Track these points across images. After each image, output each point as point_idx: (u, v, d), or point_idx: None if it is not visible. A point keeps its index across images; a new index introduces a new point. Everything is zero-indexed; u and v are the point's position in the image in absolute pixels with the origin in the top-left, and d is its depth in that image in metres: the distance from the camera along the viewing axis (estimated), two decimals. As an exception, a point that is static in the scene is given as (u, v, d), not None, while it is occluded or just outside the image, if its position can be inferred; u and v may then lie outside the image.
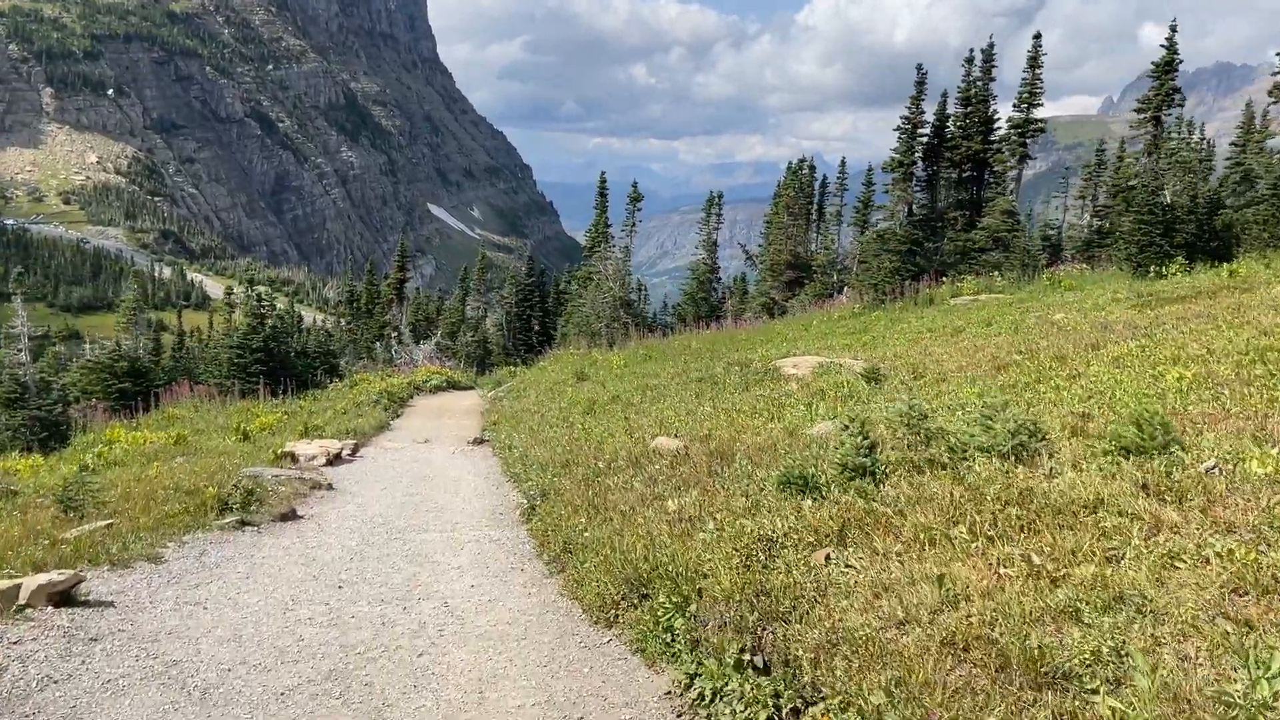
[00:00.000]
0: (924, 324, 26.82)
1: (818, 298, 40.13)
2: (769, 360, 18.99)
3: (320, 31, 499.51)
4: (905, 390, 11.61)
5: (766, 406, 12.71)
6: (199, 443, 22.30)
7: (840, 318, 33.32)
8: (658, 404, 17.08)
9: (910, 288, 32.60)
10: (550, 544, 7.61)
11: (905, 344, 22.94)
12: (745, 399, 14.38)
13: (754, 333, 34.14)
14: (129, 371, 31.57)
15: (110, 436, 25.68)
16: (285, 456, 16.28)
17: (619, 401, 18.67)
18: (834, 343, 25.94)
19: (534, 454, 12.86)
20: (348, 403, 27.77)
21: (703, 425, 11.66)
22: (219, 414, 29.73)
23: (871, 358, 18.02)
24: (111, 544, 8.29)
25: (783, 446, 8.12)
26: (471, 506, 11.35)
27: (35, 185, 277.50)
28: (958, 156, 37.34)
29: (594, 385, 24.85)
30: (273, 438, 21.92)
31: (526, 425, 18.06)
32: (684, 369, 24.13)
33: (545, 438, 14.81)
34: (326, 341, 42.16)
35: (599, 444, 11.99)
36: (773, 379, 17.21)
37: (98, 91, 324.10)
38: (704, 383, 18.55)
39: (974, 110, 37.88)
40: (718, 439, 9.43)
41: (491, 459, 16.86)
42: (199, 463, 17.61)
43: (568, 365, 33.85)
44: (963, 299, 31.46)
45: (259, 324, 30.72)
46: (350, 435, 20.49)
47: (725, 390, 16.93)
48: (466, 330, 54.83)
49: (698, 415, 13.36)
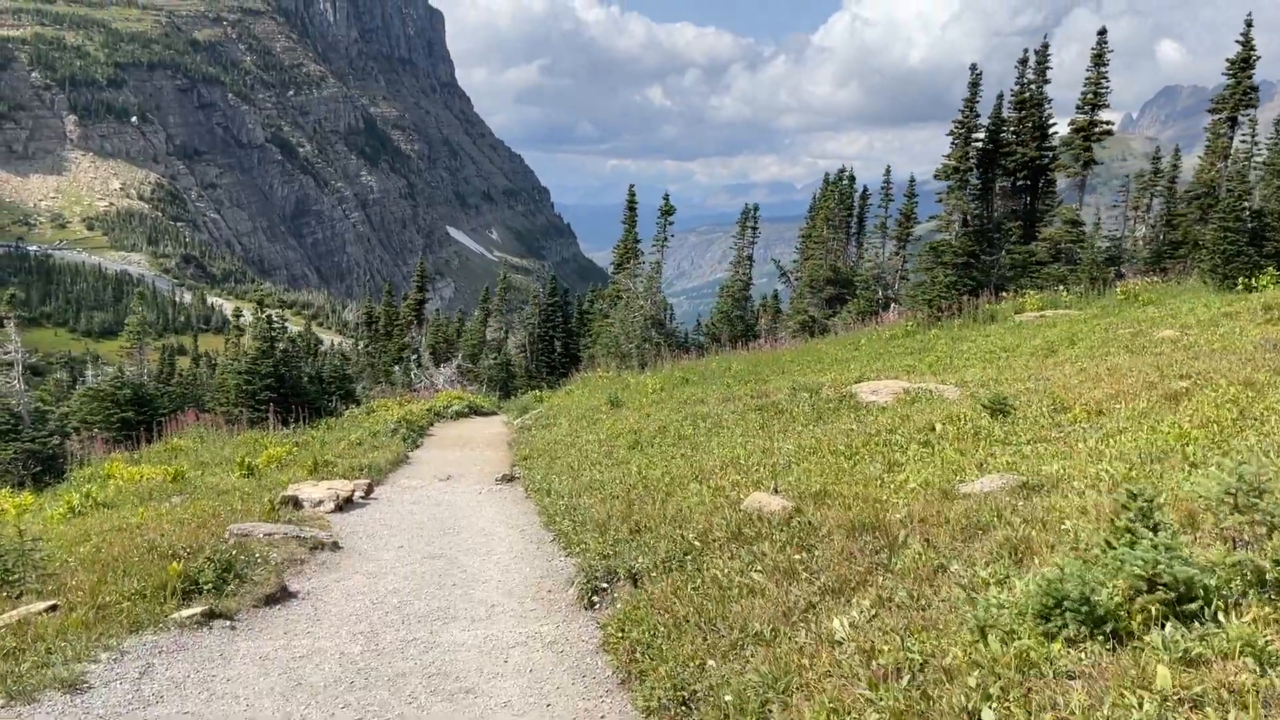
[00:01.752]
0: (994, 342, 24.34)
1: (862, 315, 37.70)
2: (840, 385, 16.60)
3: (340, 58, 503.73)
4: (1052, 427, 9.21)
5: (866, 445, 10.34)
6: (199, 479, 20.22)
7: (893, 336, 30.91)
8: (717, 438, 14.74)
9: (969, 303, 30.15)
10: (646, 679, 5.09)
11: (982, 365, 20.54)
12: (828, 434, 12.03)
13: (798, 353, 31.76)
14: (132, 400, 29.56)
15: (108, 471, 23.63)
16: (287, 503, 14.03)
17: (668, 434, 16.33)
18: (895, 364, 23.53)
19: (583, 506, 10.49)
20: (363, 432, 25.59)
21: (797, 472, 9.31)
22: (225, 445, 27.66)
23: (962, 381, 15.62)
24: (26, 655, 6.02)
25: (953, 515, 5.79)
26: (509, 578, 8.99)
27: (59, 212, 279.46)
28: (1011, 164, 34.93)
29: (632, 413, 22.54)
30: (279, 473, 19.83)
31: (564, 462, 15.73)
32: (731, 394, 21.79)
33: (591, 481, 12.47)
34: (343, 366, 40.12)
35: (665, 494, 9.64)
36: (850, 408, 14.85)
37: (121, 118, 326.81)
38: (765, 412, 16.19)
39: (1028, 115, 35.51)
40: (839, 498, 7.09)
41: (525, 502, 14.53)
42: (192, 508, 15.47)
43: (598, 389, 31.58)
44: (1028, 315, 29.00)
45: (269, 348, 28.65)
46: (363, 473, 18.26)
47: (796, 422, 14.56)
48: (488, 352, 52.70)
49: (779, 456, 11.00)
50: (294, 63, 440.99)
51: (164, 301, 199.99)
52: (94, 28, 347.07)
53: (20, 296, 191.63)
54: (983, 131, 33.00)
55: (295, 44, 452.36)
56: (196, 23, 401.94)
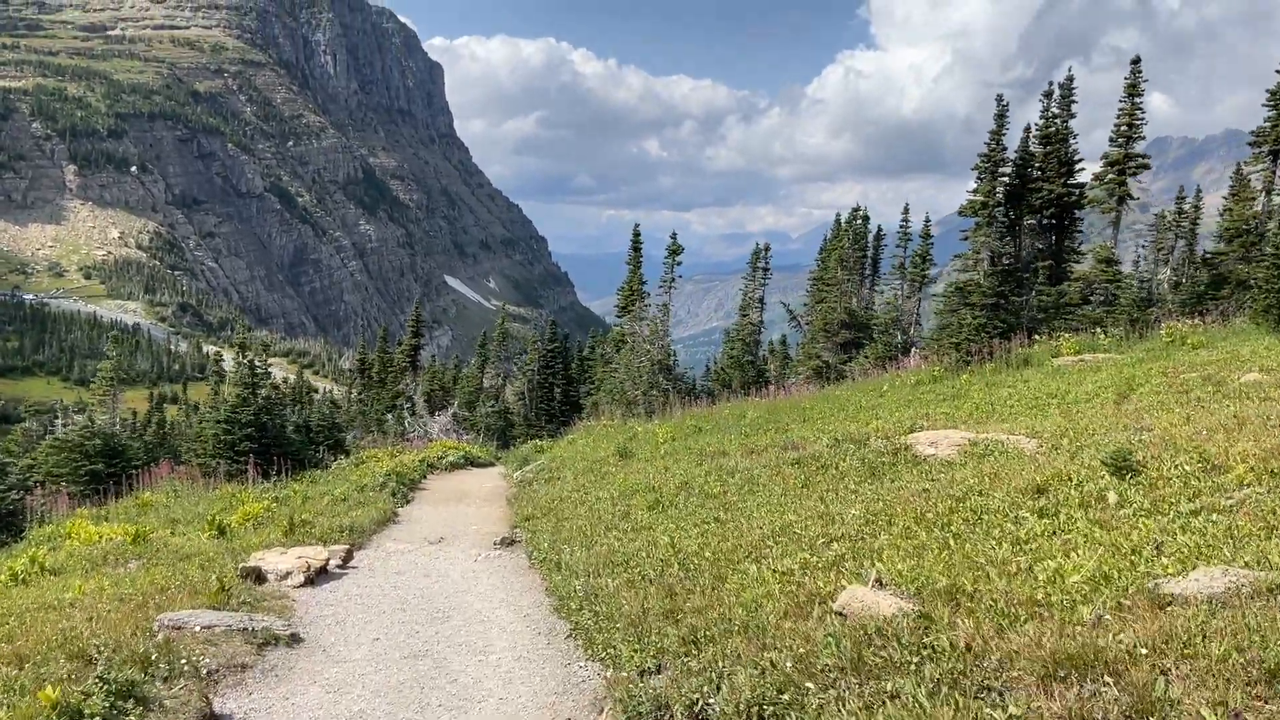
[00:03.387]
0: (1036, 389, 22.26)
1: (880, 360, 35.71)
2: (888, 435, 14.51)
3: (340, 109, 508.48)
4: (1216, 492, 7.14)
5: (955, 513, 8.26)
6: (164, 540, 18.07)
7: (918, 382, 28.87)
8: (753, 498, 12.63)
9: (1000, 346, 28.18)
10: None
11: (1031, 413, 18.51)
12: (896, 496, 9.97)
13: (817, 400, 29.69)
14: (102, 451, 27.41)
15: (69, 530, 21.47)
16: (248, 575, 11.86)
17: (693, 492, 14.22)
18: (928, 412, 21.43)
19: (605, 590, 8.34)
20: (349, 486, 23.43)
21: (888, 551, 7.21)
22: (200, 500, 25.51)
23: (1033, 432, 13.55)
24: None
25: (1207, 644, 3.75)
26: (514, 694, 6.82)
27: (56, 261, 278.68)
28: (1038, 201, 33.23)
29: (644, 465, 20.40)
30: (254, 533, 17.73)
31: (574, 525, 13.60)
32: (754, 444, 19.66)
33: (611, 552, 10.34)
34: (332, 414, 37.97)
35: (714, 577, 7.52)
36: (908, 463, 12.77)
37: (121, 168, 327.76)
38: (804, 466, 14.09)
39: (1053, 150, 33.92)
40: (980, 598, 5.01)
41: (529, 574, 12.36)
42: (144, 577, 13.39)
43: (604, 439, 29.42)
44: (1065, 359, 27.00)
45: (250, 395, 26.54)
46: (344, 535, 16.10)
47: (847, 479, 12.46)
48: (485, 400, 50.58)
49: (844, 525, 8.91)
50: (294, 113, 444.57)
51: (159, 350, 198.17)
52: (95, 79, 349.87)
53: (14, 346, 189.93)
54: (1009, 166, 31.32)
55: (295, 95, 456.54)
56: (198, 74, 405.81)
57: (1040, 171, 33.63)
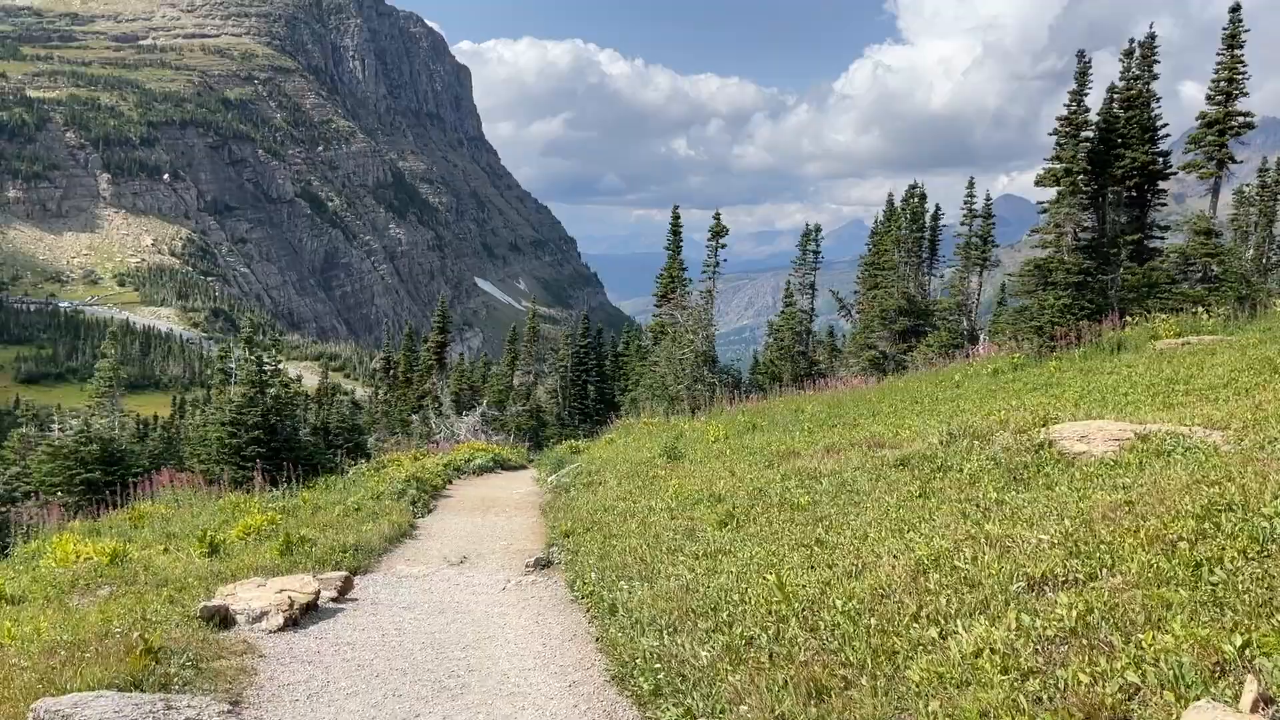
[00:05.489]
0: (1147, 374, 19.09)
1: (943, 348, 32.66)
2: (1018, 429, 11.60)
3: (369, 113, 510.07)
4: None
5: (1213, 536, 5.45)
6: (146, 560, 15.58)
7: (996, 371, 25.87)
8: (857, 511, 9.81)
9: (1090, 329, 25.09)
10: None
11: (1151, 400, 15.54)
12: (1079, 508, 7.16)
13: (883, 392, 26.77)
14: (100, 457, 25.12)
15: (55, 546, 19.06)
16: (212, 617, 9.26)
17: (770, 502, 11.43)
18: (1023, 401, 18.42)
19: (692, 666, 5.60)
20: (364, 494, 20.87)
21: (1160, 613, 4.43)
22: (201, 511, 23.03)
23: (1209, 423, 10.60)
24: None
25: None
26: None
27: (91, 269, 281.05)
28: (1120, 171, 30.04)
29: (699, 468, 17.66)
30: (253, 549, 15.25)
31: (625, 546, 10.87)
32: (829, 443, 16.82)
33: (685, 591, 7.59)
34: (352, 415, 35.55)
35: (874, 654, 4.79)
36: (1057, 464, 9.89)
37: (153, 176, 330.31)
38: (911, 470, 11.26)
39: (1134, 115, 30.70)
40: None
41: (571, 613, 9.65)
42: (98, 612, 10.98)
43: (646, 438, 26.72)
44: (1166, 342, 23.86)
45: (257, 394, 24.11)
46: (348, 554, 13.54)
47: (980, 485, 9.60)
48: (516, 399, 48.04)
49: (1041, 562, 6.11)
50: (323, 119, 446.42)
51: (191, 355, 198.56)
52: (128, 88, 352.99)
53: (48, 354, 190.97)
54: (1091, 130, 28.15)
55: (325, 101, 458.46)
56: (228, 81, 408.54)
57: (1121, 138, 30.46)
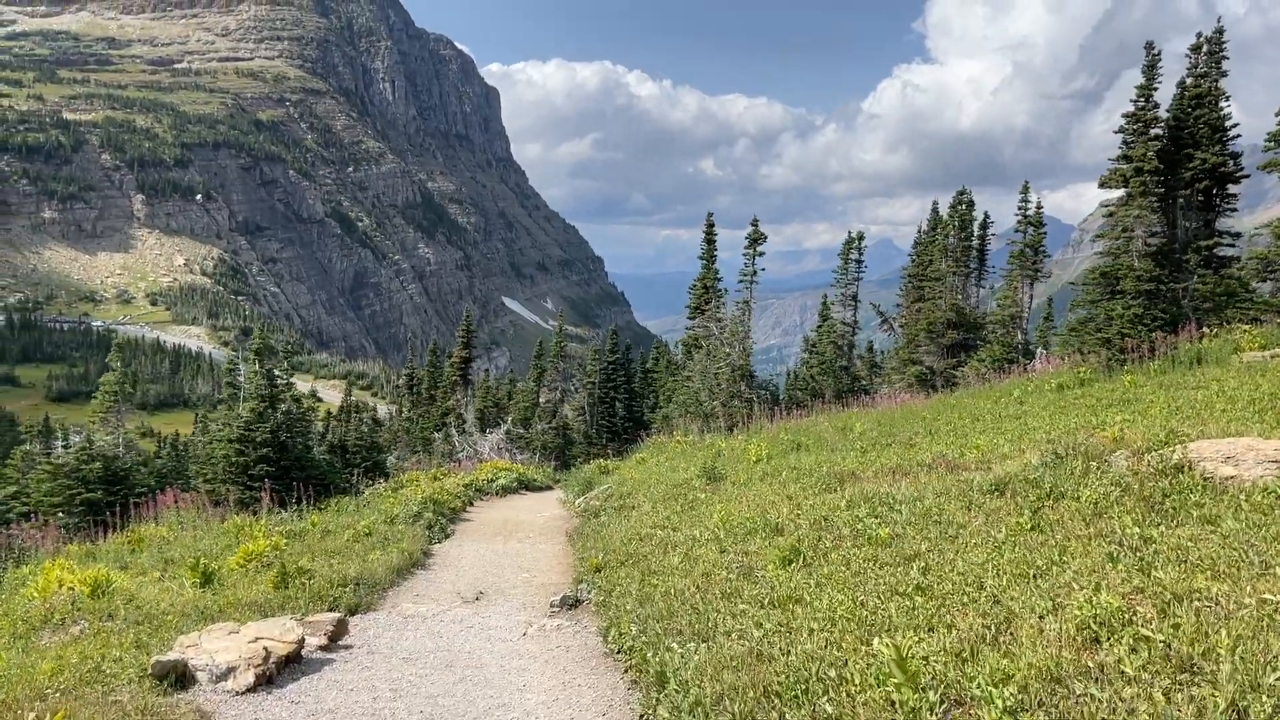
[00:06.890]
0: (1240, 389, 16.95)
1: (996, 364, 30.62)
2: (1141, 449, 9.70)
3: (399, 135, 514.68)
4: None
5: None
6: (131, 593, 13.95)
7: (1060, 386, 23.79)
8: (953, 547, 7.97)
9: (1164, 341, 23.02)
10: None
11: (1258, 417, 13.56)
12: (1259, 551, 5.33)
13: (937, 409, 24.80)
14: (102, 476, 23.69)
15: (43, 573, 17.52)
16: (165, 675, 7.60)
17: (838, 534, 9.61)
18: (1101, 419, 16.43)
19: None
20: (377, 517, 19.25)
21: None
22: (205, 534, 21.45)
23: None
24: None
25: None
26: None
27: (124, 288, 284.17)
28: (1188, 173, 28.00)
29: (743, 490, 15.82)
30: (250, 579, 13.66)
31: (668, 588, 9.07)
32: (894, 465, 14.93)
33: (755, 657, 5.83)
34: (371, 433, 34.07)
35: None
36: (1204, 491, 8.01)
37: (187, 197, 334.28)
38: (1011, 498, 9.40)
39: (1202, 114, 28.66)
40: None
41: (605, 672, 7.87)
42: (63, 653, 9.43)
43: (681, 458, 24.93)
44: (1252, 355, 21.78)
45: (267, 410, 22.59)
46: (346, 591, 11.86)
47: (1108, 519, 7.74)
48: (542, 416, 46.40)
49: (1235, 635, 4.28)
50: (354, 140, 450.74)
51: (220, 373, 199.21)
52: (162, 110, 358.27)
53: (79, 371, 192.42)
54: (1160, 127, 26.16)
55: (355, 122, 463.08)
56: (260, 103, 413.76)
57: (1190, 138, 28.44)
